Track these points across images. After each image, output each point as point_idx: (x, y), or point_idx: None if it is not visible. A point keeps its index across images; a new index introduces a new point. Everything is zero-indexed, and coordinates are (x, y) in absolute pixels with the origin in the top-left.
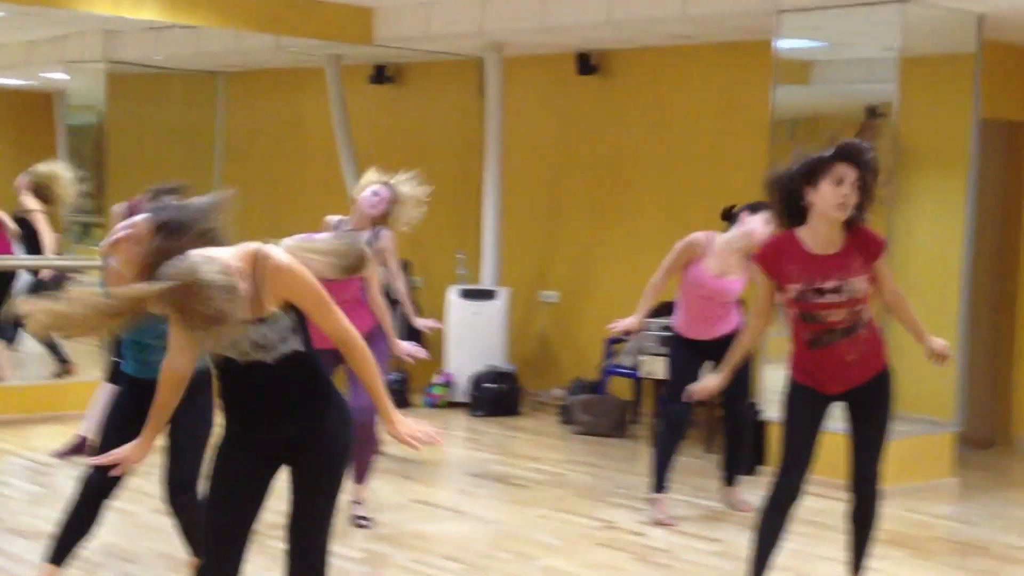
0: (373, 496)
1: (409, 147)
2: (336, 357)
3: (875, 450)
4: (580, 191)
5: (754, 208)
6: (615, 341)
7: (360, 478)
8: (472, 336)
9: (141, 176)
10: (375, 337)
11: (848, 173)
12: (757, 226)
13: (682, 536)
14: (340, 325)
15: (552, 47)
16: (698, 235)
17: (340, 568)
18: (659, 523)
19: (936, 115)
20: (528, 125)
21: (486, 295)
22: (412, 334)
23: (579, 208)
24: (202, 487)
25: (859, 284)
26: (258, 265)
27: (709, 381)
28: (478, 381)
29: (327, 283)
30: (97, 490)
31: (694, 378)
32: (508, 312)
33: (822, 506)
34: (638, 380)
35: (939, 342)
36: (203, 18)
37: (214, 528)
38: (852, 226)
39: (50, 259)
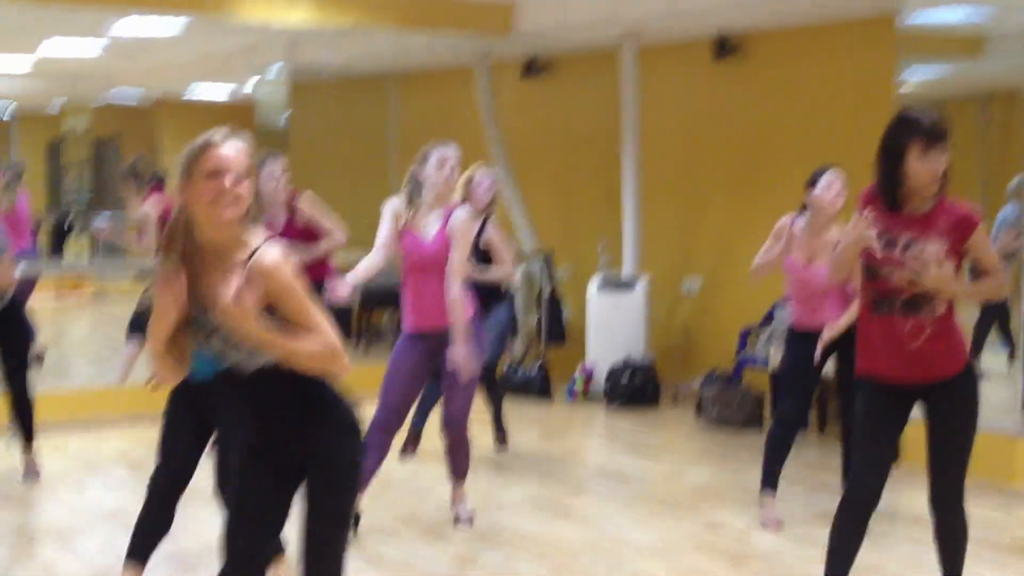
0: (487, 493)
1: (557, 138)
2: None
3: (951, 462)
4: (720, 176)
5: (813, 179)
6: (749, 332)
7: (458, 476)
8: (612, 328)
9: (323, 176)
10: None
11: (929, 148)
12: (820, 193)
13: (789, 540)
14: (321, 341)
15: (687, 33)
16: (783, 220)
17: (423, 568)
18: (767, 525)
19: None
20: (667, 111)
21: (625, 286)
22: (555, 323)
23: (720, 193)
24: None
25: (932, 249)
26: (249, 262)
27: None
28: (615, 373)
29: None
30: (164, 489)
31: (807, 373)
32: (648, 302)
33: None
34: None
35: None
36: (348, 18)
37: (236, 540)
38: (944, 197)
39: None
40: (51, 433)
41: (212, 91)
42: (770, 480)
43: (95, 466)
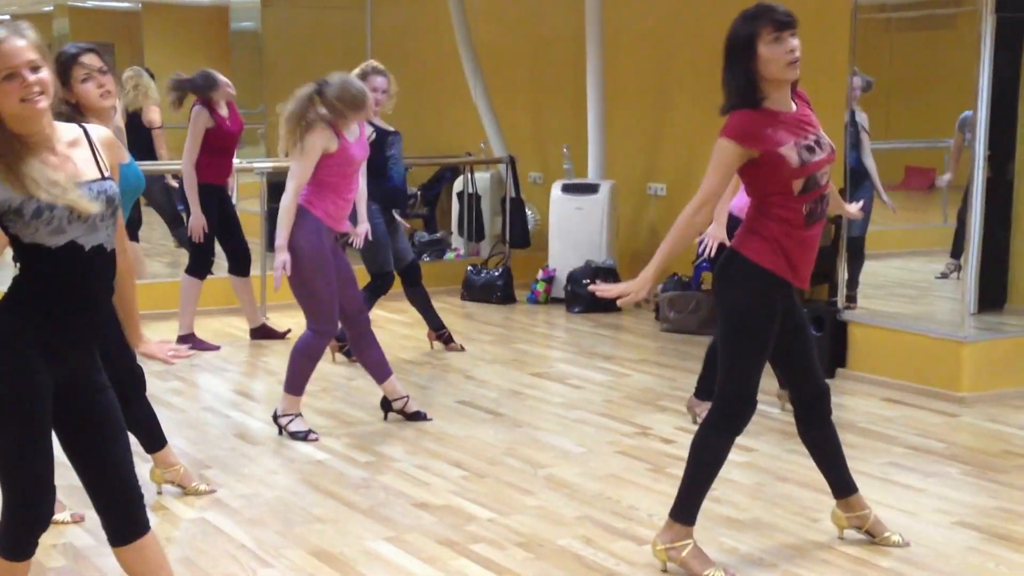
0: (419, 396)
1: (526, 44)
2: None
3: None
4: (686, 80)
5: None
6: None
7: (379, 376)
8: (575, 231)
9: (297, 78)
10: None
11: (780, 32)
12: None
13: None
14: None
15: None
16: None
17: (338, 471)
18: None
19: None
20: (632, 9)
21: (588, 189)
22: (519, 227)
23: (686, 97)
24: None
25: (826, 137)
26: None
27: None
28: (576, 277)
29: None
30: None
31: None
32: (612, 206)
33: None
34: None
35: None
36: None
37: (30, 471)
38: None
39: None
40: None
41: None
42: (703, 386)
43: None
